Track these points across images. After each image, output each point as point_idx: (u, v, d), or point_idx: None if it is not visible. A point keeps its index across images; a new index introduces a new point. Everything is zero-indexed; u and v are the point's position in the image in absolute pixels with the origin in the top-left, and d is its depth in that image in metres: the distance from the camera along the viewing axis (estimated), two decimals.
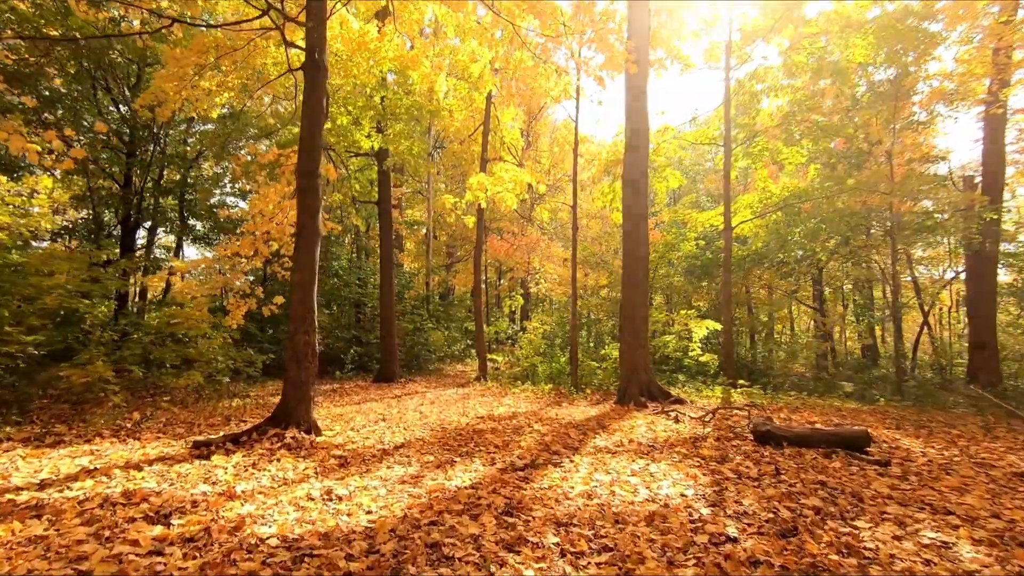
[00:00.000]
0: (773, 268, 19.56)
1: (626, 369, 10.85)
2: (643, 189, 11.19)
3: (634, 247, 11.06)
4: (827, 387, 13.41)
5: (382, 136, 13.63)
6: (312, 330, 6.65)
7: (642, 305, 10.98)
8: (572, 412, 9.55)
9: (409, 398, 11.68)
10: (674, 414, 8.55)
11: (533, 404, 11.01)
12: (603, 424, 7.95)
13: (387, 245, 15.01)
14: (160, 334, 10.19)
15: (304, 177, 6.81)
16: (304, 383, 6.53)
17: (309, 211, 6.76)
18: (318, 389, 12.88)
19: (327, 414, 8.84)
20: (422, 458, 5.73)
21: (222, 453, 5.52)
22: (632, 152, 11.15)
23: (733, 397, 10.97)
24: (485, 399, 11.64)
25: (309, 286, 6.66)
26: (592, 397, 11.82)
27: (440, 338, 19.57)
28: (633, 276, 11.00)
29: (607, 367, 13.46)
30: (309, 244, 6.70)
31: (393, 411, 9.50)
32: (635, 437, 6.76)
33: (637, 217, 11.08)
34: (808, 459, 5.54)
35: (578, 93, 13.28)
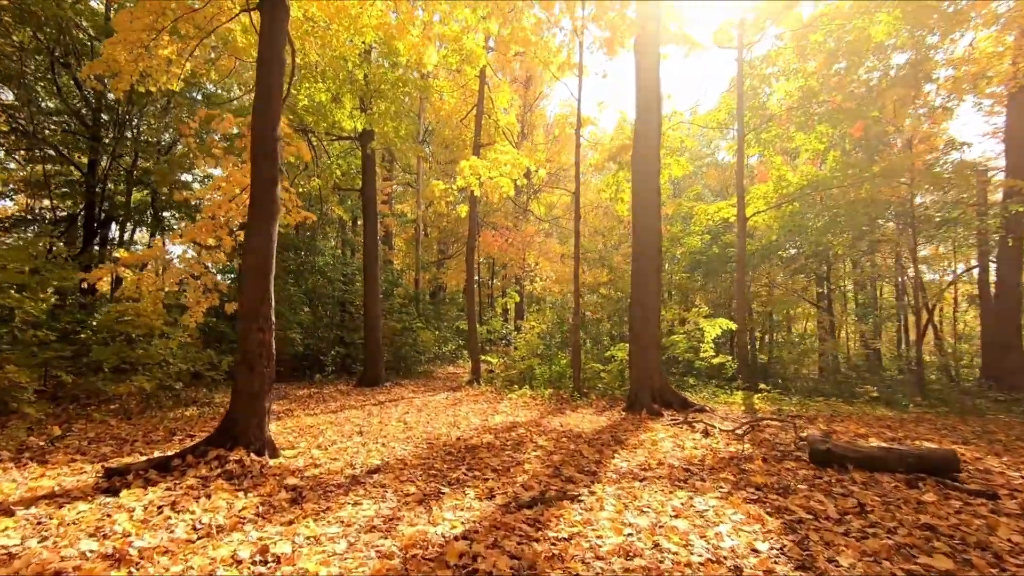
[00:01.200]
0: (783, 264, 18.52)
1: (636, 372, 9.67)
2: (655, 170, 10.03)
3: (645, 236, 9.89)
4: (849, 391, 12.33)
5: (366, 115, 12.37)
6: (268, 327, 5.41)
7: (654, 302, 9.82)
8: (578, 421, 8.35)
9: (394, 405, 10.43)
10: (700, 426, 7.37)
11: (532, 411, 9.81)
12: (618, 437, 6.76)
13: (372, 236, 13.75)
14: (109, 334, 8.88)
15: (259, 141, 5.56)
16: (257, 393, 5.28)
17: (265, 181, 5.51)
18: (293, 394, 11.60)
19: (295, 426, 7.58)
20: (401, 487, 4.51)
21: (139, 485, 4.26)
22: (643, 127, 10.00)
23: (755, 403, 9.82)
24: (479, 405, 10.41)
25: (264, 273, 5.42)
26: (597, 403, 10.63)
27: (430, 338, 18.32)
28: (643, 269, 9.83)
29: (612, 370, 12.28)
30: (264, 221, 5.46)
31: (373, 421, 8.25)
32: (663, 457, 5.57)
33: (648, 202, 9.92)
34: (889, 489, 4.37)
35: (581, 70, 12.10)
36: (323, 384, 13.74)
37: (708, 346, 12.76)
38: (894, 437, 6.65)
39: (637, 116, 10.14)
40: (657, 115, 10.11)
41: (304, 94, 11.98)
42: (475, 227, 13.79)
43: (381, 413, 9.21)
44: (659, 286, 9.99)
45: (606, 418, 8.88)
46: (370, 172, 13.75)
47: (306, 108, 12.29)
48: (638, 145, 10.09)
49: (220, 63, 10.49)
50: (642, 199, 9.97)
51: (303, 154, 8.46)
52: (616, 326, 19.26)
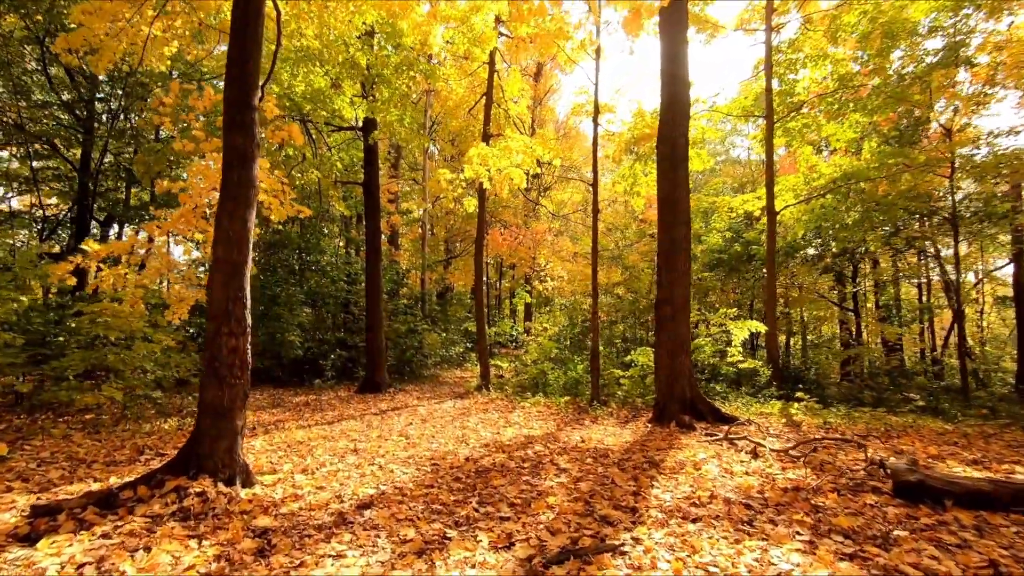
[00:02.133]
0: (810, 262, 17.51)
1: (664, 379, 8.75)
2: (683, 156, 9.10)
3: (671, 228, 8.98)
4: (891, 400, 11.34)
5: (367, 103, 11.53)
6: (242, 330, 4.55)
7: (683, 299, 8.89)
8: (600, 436, 7.45)
9: (396, 414, 9.57)
10: (744, 444, 6.44)
11: (548, 422, 8.92)
12: (652, 458, 5.84)
13: (374, 232, 12.91)
14: (85, 337, 8.08)
15: (232, 108, 4.71)
16: (227, 409, 4.42)
17: (239, 156, 4.66)
18: (289, 402, 10.78)
19: (283, 441, 6.72)
20: (397, 529, 3.63)
21: (70, 528, 3.41)
22: (670, 109, 9.09)
23: (795, 414, 8.86)
24: (489, 415, 9.53)
25: (237, 265, 4.56)
26: (618, 413, 9.72)
27: (436, 341, 17.46)
28: (671, 263, 8.91)
29: (634, 375, 11.35)
30: (237, 205, 4.60)
31: (372, 435, 7.38)
32: (712, 486, 4.65)
33: (675, 191, 9.00)
34: (1015, 537, 3.44)
35: (599, 52, 11.20)
36: (322, 390, 12.91)
37: (736, 350, 11.80)
38: (975, 459, 5.69)
39: (663, 98, 9.23)
40: (685, 94, 9.19)
41: (301, 79, 11.17)
42: (484, 222, 12.92)
43: (382, 425, 8.34)
44: (689, 282, 9.07)
45: (631, 431, 7.98)
46: (373, 164, 12.92)
47: (304, 95, 11.48)
48: (664, 129, 9.17)
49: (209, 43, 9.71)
50: (668, 188, 9.06)
51: (295, 139, 7.62)
52: (630, 328, 18.32)
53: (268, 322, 14.40)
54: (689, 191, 9.28)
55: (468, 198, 11.41)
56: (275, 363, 14.43)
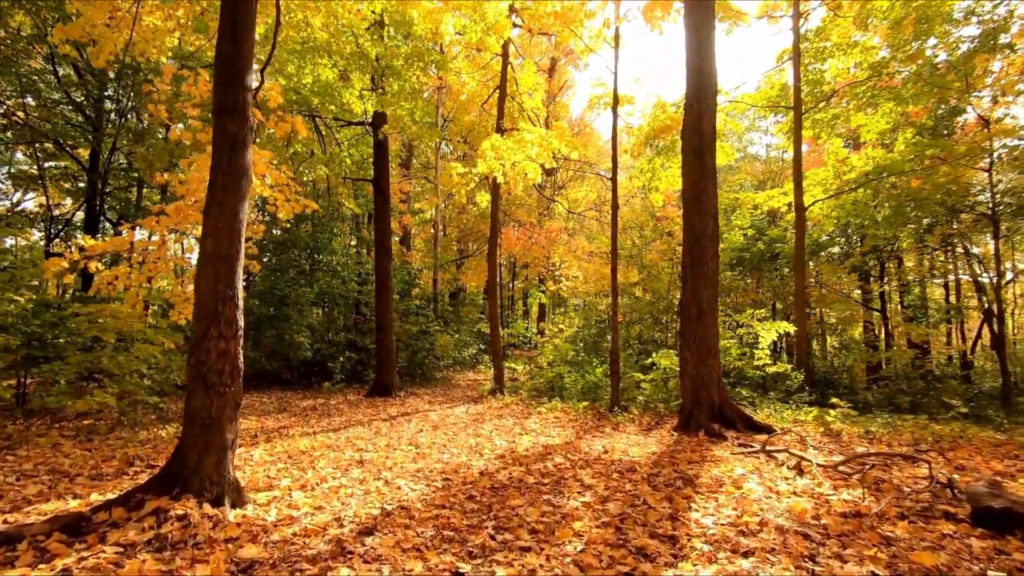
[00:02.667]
0: (836, 261, 16.80)
1: (690, 385, 8.19)
2: (711, 141, 8.54)
3: (698, 220, 8.42)
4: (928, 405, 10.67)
5: (377, 96, 11.11)
6: (233, 333, 4.11)
7: (711, 297, 8.33)
8: (624, 445, 6.92)
9: (406, 420, 9.12)
10: (784, 457, 5.87)
11: (566, 429, 8.41)
12: (683, 472, 5.31)
13: (384, 230, 12.49)
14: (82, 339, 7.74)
15: (223, 89, 4.28)
16: (216, 420, 3.98)
17: (230, 141, 4.22)
18: (296, 406, 10.39)
19: (284, 451, 6.29)
20: (402, 561, 3.15)
21: (29, 559, 2.97)
22: (697, 90, 8.54)
23: (831, 422, 8.24)
24: (503, 422, 9.04)
25: (228, 262, 4.12)
26: (641, 420, 9.18)
27: (448, 342, 17.01)
28: (698, 260, 8.35)
29: (656, 379, 10.80)
30: (228, 194, 4.16)
31: (380, 443, 6.92)
32: (759, 509, 4.11)
33: (702, 182, 8.44)
34: None
35: (618, 39, 10.67)
36: (331, 394, 12.51)
37: (763, 353, 11.18)
38: None
39: (689, 81, 8.68)
40: (712, 77, 8.62)
41: (308, 71, 10.78)
42: (497, 219, 12.44)
43: (390, 432, 7.89)
44: (716, 281, 8.51)
45: (656, 440, 7.45)
46: (383, 160, 12.50)
47: (311, 89, 11.09)
48: (690, 115, 8.62)
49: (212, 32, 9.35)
50: (694, 179, 8.50)
51: (299, 130, 7.19)
52: (647, 330, 17.72)
53: (277, 323, 14.06)
54: (717, 182, 8.72)
55: (481, 194, 10.94)
56: (283, 365, 14.08)
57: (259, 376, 13.84)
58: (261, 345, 14.31)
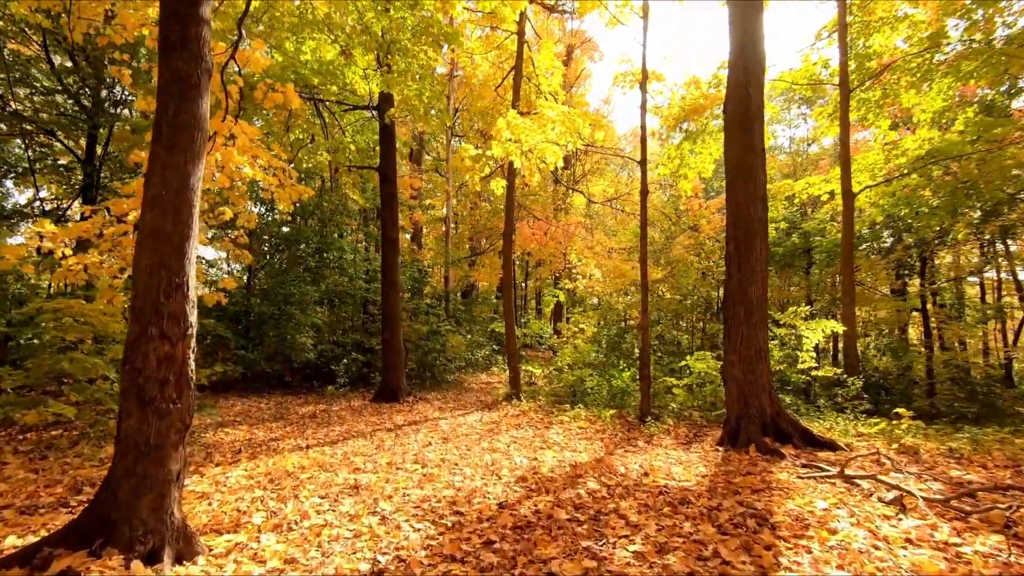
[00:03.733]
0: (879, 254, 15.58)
1: (736, 393, 7.14)
2: (758, 110, 7.48)
3: (745, 204, 7.37)
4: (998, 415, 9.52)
5: (382, 75, 10.18)
6: (181, 333, 3.17)
7: (759, 297, 7.27)
8: (665, 463, 5.91)
9: (413, 430, 8.16)
10: (872, 487, 4.80)
11: (593, 442, 7.41)
12: (750, 505, 4.28)
13: (391, 221, 11.56)
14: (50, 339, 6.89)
15: (171, 20, 3.33)
16: (156, 447, 3.03)
17: (179, 85, 3.28)
18: (294, 413, 9.49)
19: (267, 473, 5.34)
20: None
21: None
22: (741, 55, 7.49)
23: (901, 436, 7.13)
24: (522, 432, 8.05)
25: (174, 240, 3.17)
26: (676, 431, 8.14)
27: (461, 343, 16.05)
28: (745, 251, 7.30)
29: (691, 384, 9.74)
30: (175, 152, 3.22)
31: (380, 462, 5.96)
32: (873, 568, 3.07)
33: (749, 156, 7.39)
34: None
35: (645, 12, 9.64)
36: (334, 398, 11.60)
37: (807, 355, 10.07)
38: None
39: (732, 45, 7.63)
40: (758, 39, 7.56)
41: (307, 47, 9.89)
42: (512, 209, 11.45)
43: (394, 445, 6.93)
44: (766, 275, 7.44)
45: (699, 457, 6.42)
46: (389, 146, 11.58)
47: (311, 67, 10.19)
48: (734, 83, 7.57)
49: None
50: (740, 155, 7.45)
51: (291, 101, 6.27)
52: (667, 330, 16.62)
53: (280, 323, 13.21)
54: (766, 160, 7.64)
55: (496, 180, 9.96)
56: (285, 367, 13.22)
57: (259, 379, 12.99)
58: (265, 345, 13.47)
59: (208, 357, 12.37)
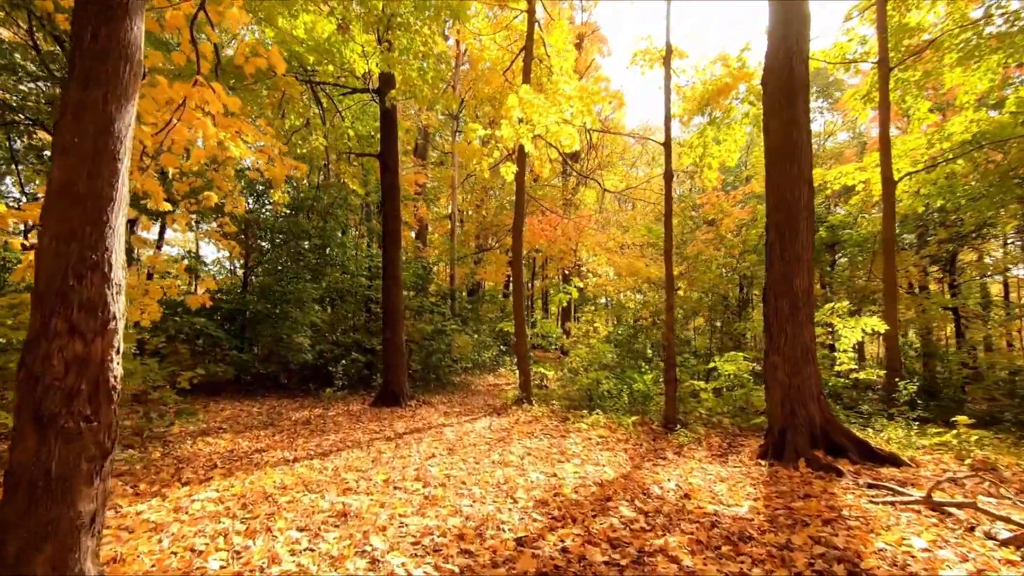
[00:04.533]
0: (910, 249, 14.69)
1: (780, 399, 6.30)
2: (803, 80, 6.64)
3: (788, 185, 6.54)
4: None
5: (383, 54, 9.40)
6: (100, 327, 2.38)
7: (805, 290, 6.43)
8: (705, 483, 5.09)
9: (415, 439, 7.36)
10: (970, 517, 3.96)
11: (617, 453, 6.60)
12: (828, 542, 3.45)
13: (392, 213, 10.78)
14: None
15: None
16: (62, 480, 2.24)
17: (102, 2, 2.49)
18: (287, 419, 8.72)
19: (241, 492, 4.55)
20: None
21: None
22: (782, 21, 6.67)
23: (972, 450, 6.26)
24: (536, 442, 7.23)
25: (88, 203, 2.38)
26: (708, 440, 7.30)
27: (467, 343, 15.25)
28: (788, 238, 6.46)
29: (720, 388, 8.91)
30: (94, 88, 2.44)
31: (377, 478, 5.16)
32: None
33: (793, 131, 6.55)
34: None
35: None
36: (331, 402, 10.83)
37: (847, 356, 9.20)
38: None
39: (773, 11, 6.78)
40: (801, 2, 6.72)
41: (301, 22, 9.13)
42: (523, 198, 10.62)
43: (393, 458, 6.13)
44: (812, 265, 6.59)
45: (741, 472, 5.59)
46: (390, 132, 10.79)
47: (307, 44, 9.43)
48: (774, 53, 6.73)
49: None
50: (782, 131, 6.61)
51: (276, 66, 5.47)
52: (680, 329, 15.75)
53: (277, 321, 12.45)
54: (810, 142, 6.79)
55: (506, 165, 9.16)
56: (281, 368, 12.47)
57: (255, 381, 12.23)
58: (260, 346, 12.73)
59: (199, 358, 11.66)
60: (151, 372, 6.47)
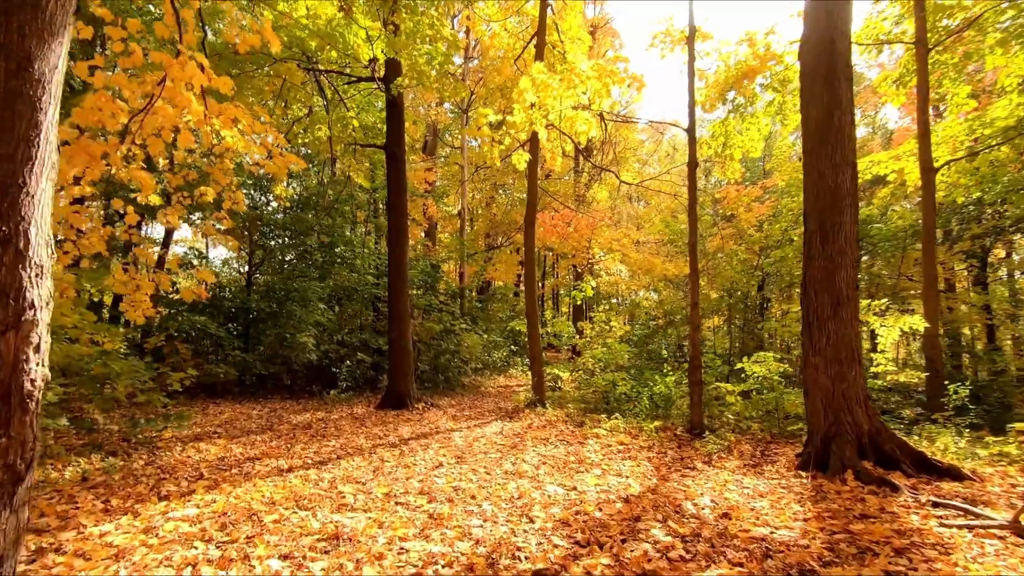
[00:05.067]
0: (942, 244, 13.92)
1: (823, 404, 5.71)
2: (845, 57, 6.04)
3: (830, 171, 5.95)
4: None
5: (388, 39, 8.91)
6: (12, 319, 1.87)
7: (849, 284, 5.84)
8: (743, 499, 4.54)
9: (421, 446, 6.85)
10: None
11: (639, 461, 6.05)
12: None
13: (398, 207, 10.29)
14: None
15: None
16: None
17: None
18: (287, 422, 8.26)
19: (223, 508, 4.06)
20: None
21: None
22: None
23: None
24: (552, 449, 6.69)
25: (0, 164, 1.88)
26: (738, 448, 6.72)
27: (477, 343, 14.75)
28: (831, 228, 5.87)
29: (748, 390, 8.31)
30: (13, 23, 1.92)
31: (376, 493, 4.65)
32: None
33: (835, 112, 5.96)
34: None
35: None
36: (335, 404, 10.37)
37: (885, 358, 8.54)
38: None
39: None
40: None
41: (302, 5, 8.68)
42: (535, 191, 10.09)
43: (396, 468, 5.62)
44: (857, 258, 6.01)
45: (782, 487, 5.02)
46: (396, 122, 10.31)
47: (305, 28, 8.97)
48: (814, 30, 6.14)
49: None
50: (822, 112, 6.02)
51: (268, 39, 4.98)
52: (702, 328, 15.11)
53: (280, 320, 12.01)
54: (854, 123, 6.19)
55: (519, 153, 8.64)
56: (284, 368, 12.02)
57: (258, 382, 11.77)
58: (264, 345, 12.29)
59: (201, 359, 11.25)
60: (138, 373, 6.02)
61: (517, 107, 7.74)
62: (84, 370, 6.14)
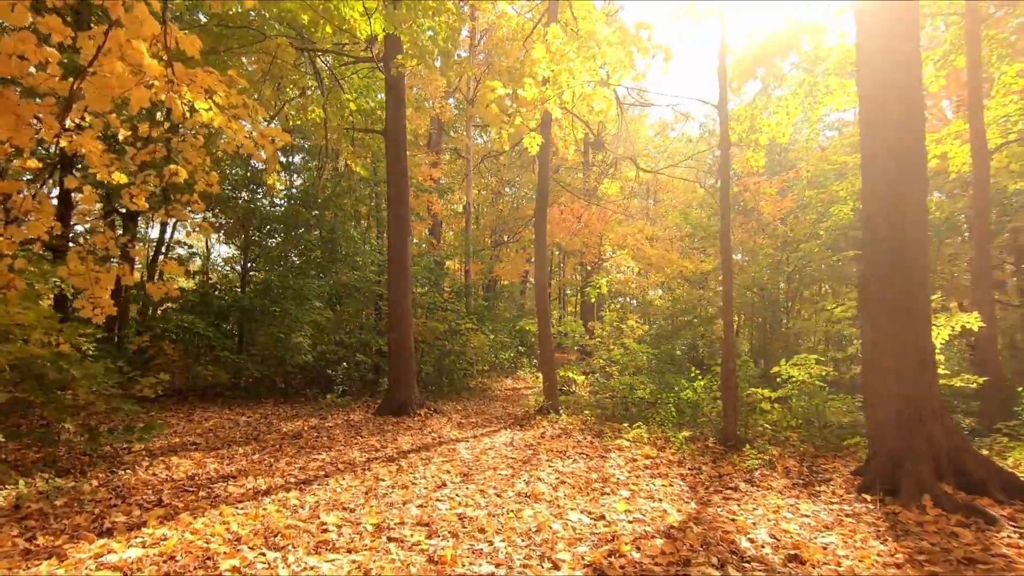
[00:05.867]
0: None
1: (891, 416, 4.89)
2: (913, 25, 5.20)
3: (895, 138, 5.09)
4: None
5: (386, 12, 8.14)
6: None
7: (922, 276, 5.01)
8: (806, 532, 3.77)
9: (422, 460, 6.06)
10: None
11: (671, 479, 5.26)
12: None
13: (398, 196, 9.51)
14: None
15: None
16: None
17: None
18: (276, 430, 7.51)
19: (174, 547, 3.28)
20: None
21: None
22: None
23: None
24: (571, 465, 5.89)
25: None
26: (783, 464, 5.89)
27: (484, 343, 13.95)
28: (895, 206, 5.04)
29: (788, 395, 7.49)
30: None
31: (365, 524, 3.86)
32: None
33: (904, 88, 5.10)
34: None
35: None
36: (331, 410, 9.59)
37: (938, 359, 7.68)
38: None
39: None
40: None
41: None
42: (547, 175, 9.29)
43: (392, 488, 4.83)
44: (928, 241, 5.18)
45: (849, 516, 4.25)
46: (397, 105, 9.54)
47: (300, 1, 8.22)
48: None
49: None
50: (884, 86, 5.18)
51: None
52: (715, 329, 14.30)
53: (274, 319, 11.27)
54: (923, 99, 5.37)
55: (530, 136, 7.86)
56: (277, 371, 11.26)
57: (252, 385, 10.99)
58: (258, 346, 11.54)
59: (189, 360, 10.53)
60: (97, 378, 5.26)
61: (529, 81, 6.94)
62: (42, 374, 5.41)
